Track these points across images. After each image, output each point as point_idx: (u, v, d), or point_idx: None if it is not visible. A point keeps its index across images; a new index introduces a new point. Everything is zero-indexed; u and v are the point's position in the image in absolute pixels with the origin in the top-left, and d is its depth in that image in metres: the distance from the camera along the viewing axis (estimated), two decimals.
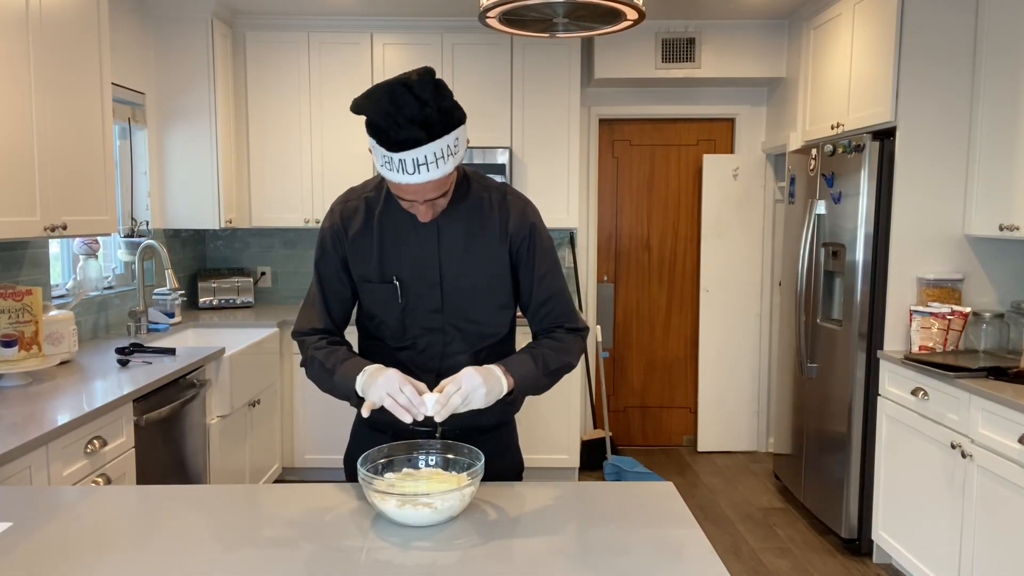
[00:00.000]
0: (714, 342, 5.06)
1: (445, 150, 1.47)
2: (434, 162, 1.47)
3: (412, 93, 1.43)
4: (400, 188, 1.53)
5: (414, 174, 1.47)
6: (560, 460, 4.44)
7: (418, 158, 1.45)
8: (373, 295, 1.73)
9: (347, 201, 1.75)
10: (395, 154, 1.45)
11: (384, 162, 1.49)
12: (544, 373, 1.68)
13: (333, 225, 1.73)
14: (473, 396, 1.53)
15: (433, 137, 1.45)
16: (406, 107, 1.43)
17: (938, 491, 2.99)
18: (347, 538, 1.40)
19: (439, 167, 1.48)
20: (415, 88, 1.44)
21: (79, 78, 2.91)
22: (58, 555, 1.33)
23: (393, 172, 1.49)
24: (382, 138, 1.45)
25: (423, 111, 1.44)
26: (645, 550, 1.37)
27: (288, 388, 4.33)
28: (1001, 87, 3.12)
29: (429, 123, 1.44)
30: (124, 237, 4.01)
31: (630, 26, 2.82)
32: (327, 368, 1.67)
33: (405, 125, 1.43)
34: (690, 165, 5.13)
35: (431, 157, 1.46)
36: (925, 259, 3.40)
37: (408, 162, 1.45)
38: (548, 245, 1.75)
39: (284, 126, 4.57)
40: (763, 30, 4.63)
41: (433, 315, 1.71)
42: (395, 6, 4.33)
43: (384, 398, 1.52)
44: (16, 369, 2.57)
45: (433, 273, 1.70)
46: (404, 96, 1.43)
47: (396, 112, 1.43)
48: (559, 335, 1.74)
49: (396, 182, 1.51)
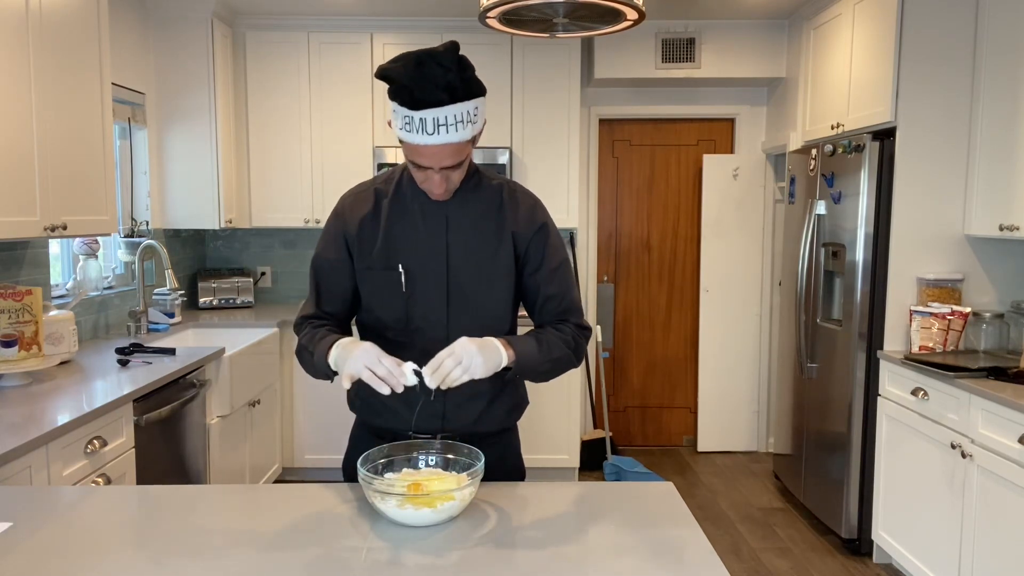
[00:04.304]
0: (714, 342, 5.06)
1: (464, 115, 1.53)
2: (454, 124, 1.52)
3: (437, 61, 1.51)
4: (418, 151, 1.56)
5: (434, 134, 1.52)
6: (560, 460, 4.44)
7: (439, 118, 1.51)
8: (375, 283, 1.72)
9: (357, 192, 1.77)
10: (416, 112, 1.51)
11: (405, 123, 1.53)
12: (546, 358, 1.66)
13: (339, 215, 1.74)
14: (471, 364, 1.50)
15: (454, 100, 1.51)
16: (430, 72, 1.50)
17: (938, 491, 2.99)
18: (347, 538, 1.40)
19: (458, 131, 1.53)
20: (439, 57, 1.51)
21: (79, 78, 2.91)
22: (58, 555, 1.33)
23: (413, 133, 1.53)
24: (405, 97, 1.51)
25: (446, 76, 1.51)
26: (645, 550, 1.37)
27: (288, 388, 4.34)
28: (1001, 87, 3.12)
29: (451, 87, 1.51)
30: (124, 237, 4.01)
31: (630, 26, 2.82)
32: (308, 350, 1.66)
33: (428, 87, 1.50)
34: (690, 165, 5.13)
35: (451, 119, 1.52)
36: (925, 259, 3.40)
37: (428, 121, 1.51)
38: (558, 243, 1.75)
39: (284, 126, 4.57)
40: (763, 30, 4.63)
41: (437, 306, 1.71)
42: (395, 6, 4.33)
43: (362, 370, 1.50)
44: (16, 369, 2.57)
45: (440, 263, 1.69)
46: (430, 63, 1.51)
47: (420, 75, 1.50)
48: (565, 328, 1.72)
49: (415, 143, 1.54)
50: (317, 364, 1.64)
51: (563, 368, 1.71)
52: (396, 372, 1.49)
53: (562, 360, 1.69)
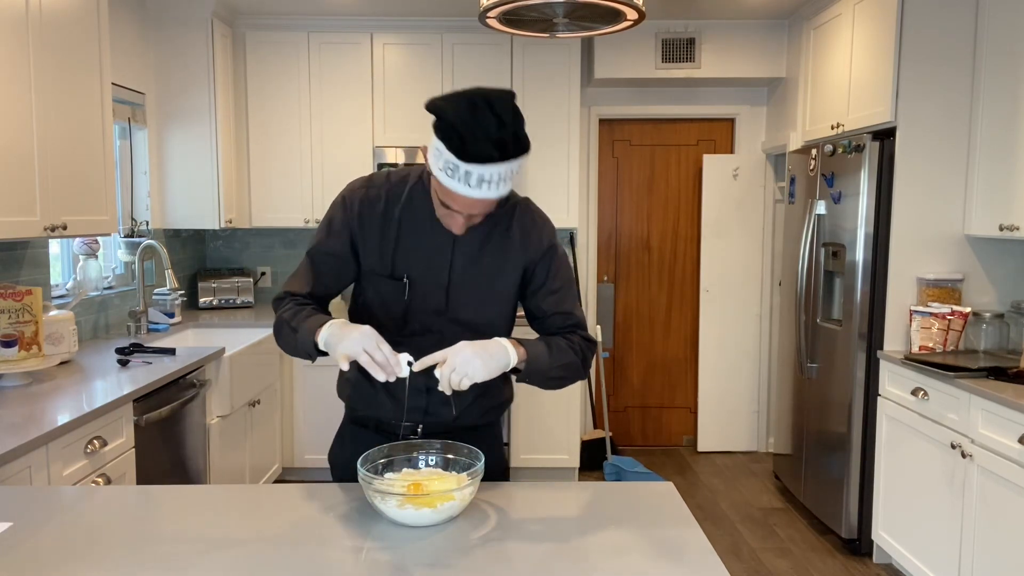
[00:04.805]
0: (714, 342, 5.06)
1: (508, 173, 1.49)
2: (497, 182, 1.49)
3: (493, 111, 1.45)
4: (453, 198, 1.52)
5: (475, 188, 1.48)
6: (560, 460, 4.44)
7: (484, 175, 1.46)
8: (378, 288, 1.72)
9: (368, 188, 1.72)
10: (464, 164, 1.46)
11: (447, 168, 1.48)
12: (556, 363, 1.64)
13: (349, 209, 1.71)
14: (468, 369, 1.49)
15: (504, 158, 1.46)
16: (485, 122, 1.45)
17: (938, 491, 2.99)
18: (347, 538, 1.40)
19: (499, 188, 1.50)
20: (496, 106, 1.46)
21: (79, 78, 2.91)
22: (58, 555, 1.33)
23: (455, 181, 1.48)
24: (455, 145, 1.45)
25: (501, 130, 1.45)
26: (645, 550, 1.37)
27: (288, 388, 4.33)
28: (1001, 87, 3.12)
29: (504, 144, 1.46)
30: (124, 237, 4.01)
31: (630, 26, 2.82)
32: (291, 326, 1.63)
33: (482, 139, 1.44)
34: (690, 165, 5.12)
35: (496, 177, 1.47)
36: (925, 259, 3.40)
37: (474, 176, 1.46)
38: (564, 263, 1.76)
39: (284, 126, 4.57)
40: (763, 30, 4.63)
41: (435, 316, 1.71)
42: (395, 6, 4.33)
43: (360, 353, 1.49)
44: (16, 369, 2.57)
45: (442, 275, 1.69)
46: (485, 111, 1.45)
47: (475, 124, 1.45)
48: (572, 338, 1.72)
49: (455, 192, 1.50)
50: (300, 341, 1.60)
51: (572, 375, 1.69)
52: (392, 361, 1.49)
53: (571, 367, 1.68)
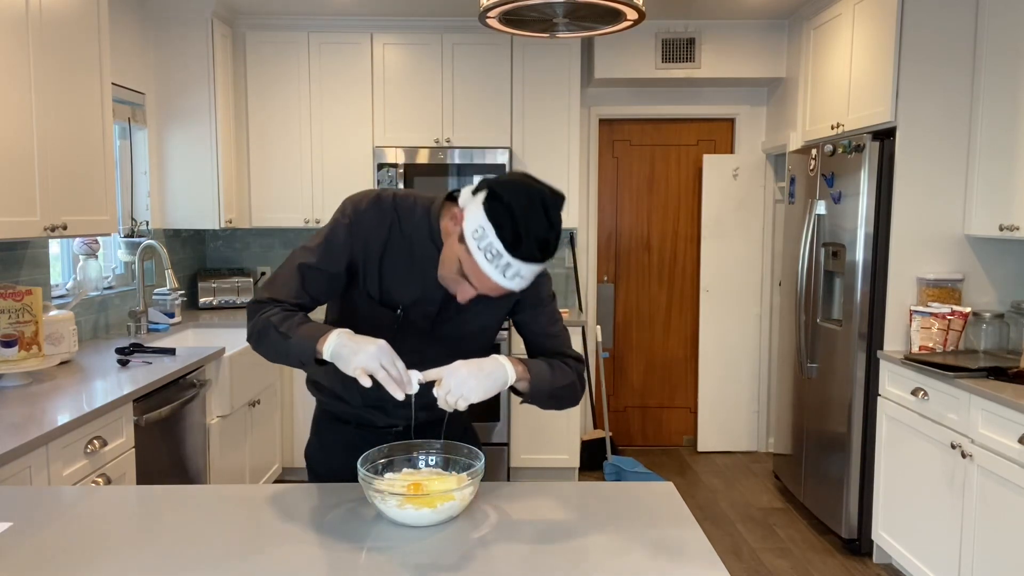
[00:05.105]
0: (714, 342, 5.06)
1: (535, 273, 1.52)
2: (528, 277, 1.51)
3: (547, 213, 1.47)
4: (481, 279, 1.51)
5: (509, 280, 1.49)
6: (560, 460, 4.44)
7: (521, 270, 1.48)
8: (368, 311, 1.69)
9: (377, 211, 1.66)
10: (508, 256, 1.46)
11: (488, 251, 1.46)
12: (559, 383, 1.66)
13: (354, 231, 1.65)
14: (463, 391, 1.49)
15: (544, 260, 1.50)
16: (539, 222, 1.46)
17: (938, 491, 2.99)
18: (347, 538, 1.40)
19: (527, 282, 1.52)
20: (551, 209, 1.48)
21: (79, 78, 2.91)
22: (58, 555, 1.33)
23: (491, 266, 1.47)
24: (507, 237, 1.45)
25: (549, 232, 1.47)
26: (645, 550, 1.37)
27: (288, 388, 4.34)
28: (1001, 87, 3.12)
29: (549, 247, 1.48)
30: (124, 237, 4.01)
31: (630, 26, 2.82)
32: (280, 331, 1.57)
33: (533, 239, 1.46)
34: (690, 165, 5.13)
35: (530, 274, 1.50)
36: (925, 259, 3.40)
37: (512, 268, 1.47)
38: (550, 293, 1.77)
39: (284, 126, 4.57)
40: (763, 30, 4.63)
41: (420, 337, 1.70)
42: (395, 6, 4.33)
43: (378, 369, 1.47)
44: (16, 369, 2.57)
45: (432, 306, 1.69)
46: (539, 210, 1.46)
47: (530, 221, 1.45)
48: (568, 361, 1.73)
49: (487, 275, 1.49)
50: (294, 347, 1.56)
51: (564, 401, 1.70)
52: (405, 378, 1.49)
53: (568, 389, 1.69)
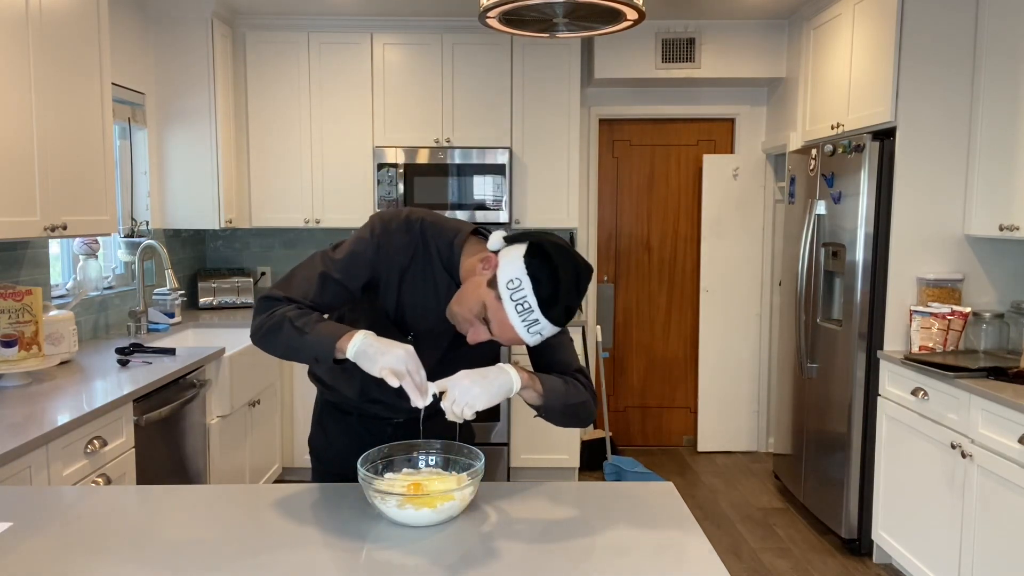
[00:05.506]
0: (714, 342, 5.06)
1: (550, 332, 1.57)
2: (543, 336, 1.56)
3: (579, 283, 1.54)
4: (503, 328, 1.55)
5: (530, 336, 1.54)
6: (560, 460, 4.44)
7: (544, 330, 1.54)
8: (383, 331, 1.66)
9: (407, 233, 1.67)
10: (540, 314, 1.51)
11: (521, 304, 1.51)
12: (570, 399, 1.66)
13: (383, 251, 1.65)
14: (468, 400, 1.49)
15: (563, 325, 1.56)
16: (572, 291, 1.53)
17: (938, 491, 2.99)
18: (347, 538, 1.40)
19: (540, 340, 1.57)
20: (582, 280, 1.55)
21: (79, 78, 2.91)
22: (58, 555, 1.33)
23: (519, 319, 1.52)
24: (545, 298, 1.50)
25: (575, 302, 1.54)
26: (645, 550, 1.37)
27: (288, 388, 4.34)
28: (1001, 87, 3.12)
29: (571, 316, 1.56)
30: (124, 237, 4.01)
31: (630, 26, 2.82)
32: (296, 326, 1.56)
33: (563, 304, 1.52)
34: (690, 165, 5.13)
35: (548, 334, 1.55)
36: (925, 259, 3.40)
37: (538, 325, 1.53)
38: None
39: (284, 126, 4.57)
40: (763, 30, 4.63)
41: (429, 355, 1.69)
42: (395, 6, 4.33)
43: (404, 375, 1.48)
44: (16, 369, 2.57)
45: (444, 339, 1.71)
46: (574, 278, 1.53)
47: (567, 289, 1.52)
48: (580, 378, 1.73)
49: (512, 326, 1.53)
50: (311, 343, 1.54)
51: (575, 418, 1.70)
52: (423, 387, 1.49)
53: (581, 407, 1.69)
